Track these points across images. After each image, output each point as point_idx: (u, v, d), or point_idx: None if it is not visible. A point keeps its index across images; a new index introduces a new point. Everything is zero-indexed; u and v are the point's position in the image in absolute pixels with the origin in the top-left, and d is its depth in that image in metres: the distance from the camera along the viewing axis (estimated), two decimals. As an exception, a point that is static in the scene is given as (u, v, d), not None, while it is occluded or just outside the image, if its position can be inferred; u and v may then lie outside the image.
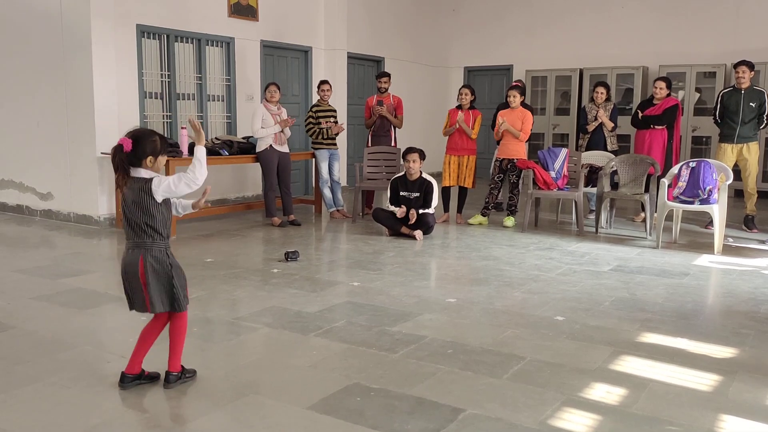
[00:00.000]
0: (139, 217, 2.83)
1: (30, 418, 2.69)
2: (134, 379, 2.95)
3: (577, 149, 8.10)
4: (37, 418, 2.69)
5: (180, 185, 2.86)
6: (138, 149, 2.80)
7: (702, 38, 10.66)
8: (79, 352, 3.44)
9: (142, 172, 2.85)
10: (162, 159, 2.89)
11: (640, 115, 7.52)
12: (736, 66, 7.12)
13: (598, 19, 11.53)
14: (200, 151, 2.98)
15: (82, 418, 2.70)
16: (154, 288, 2.85)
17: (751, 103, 6.98)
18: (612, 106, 7.81)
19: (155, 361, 3.06)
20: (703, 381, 3.12)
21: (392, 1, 11.67)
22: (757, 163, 7.18)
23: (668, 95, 7.51)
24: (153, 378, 3.01)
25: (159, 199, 2.84)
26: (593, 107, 7.82)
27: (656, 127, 7.41)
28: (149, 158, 2.83)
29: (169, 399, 2.88)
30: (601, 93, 7.79)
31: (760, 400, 2.93)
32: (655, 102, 7.49)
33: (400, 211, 6.63)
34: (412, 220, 6.60)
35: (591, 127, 7.74)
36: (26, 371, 3.17)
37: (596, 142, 7.76)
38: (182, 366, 3.01)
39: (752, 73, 7.07)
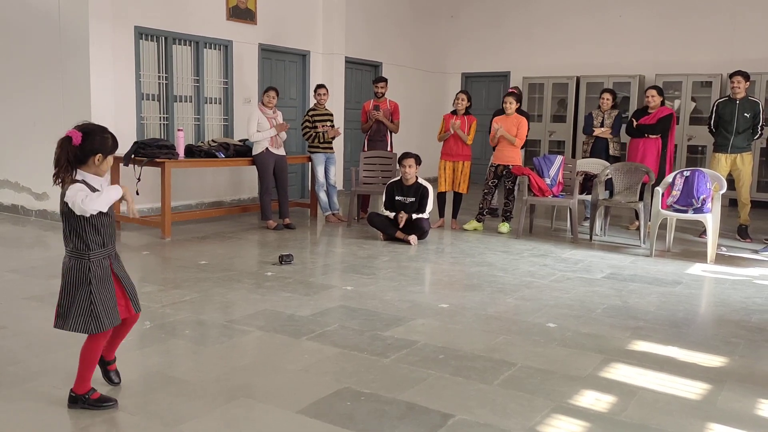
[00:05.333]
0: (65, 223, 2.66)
1: (21, 420, 2.70)
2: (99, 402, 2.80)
3: (575, 154, 8.14)
4: (27, 419, 2.70)
5: (71, 200, 2.59)
6: (86, 144, 2.59)
7: (698, 48, 10.72)
8: (71, 353, 3.43)
9: (82, 175, 2.64)
10: (110, 159, 2.69)
11: (635, 123, 7.56)
12: (731, 76, 7.15)
13: (595, 28, 11.59)
14: (112, 190, 2.66)
15: (72, 420, 2.70)
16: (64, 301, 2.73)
17: (745, 114, 7.01)
18: (617, 113, 7.89)
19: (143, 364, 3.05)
20: (693, 389, 3.14)
21: (391, 7, 11.70)
22: (751, 174, 7.21)
23: (662, 103, 7.55)
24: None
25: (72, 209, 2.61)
26: (599, 113, 7.92)
27: (650, 136, 7.45)
28: (98, 156, 2.62)
29: (160, 401, 2.88)
30: (607, 99, 7.89)
31: (749, 409, 2.94)
32: (649, 111, 7.52)
33: (402, 218, 6.63)
34: (402, 224, 6.62)
35: (597, 132, 7.82)
36: (18, 372, 3.17)
37: (599, 146, 7.87)
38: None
39: (747, 83, 7.10)
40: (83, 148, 2.61)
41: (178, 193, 7.73)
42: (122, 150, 6.58)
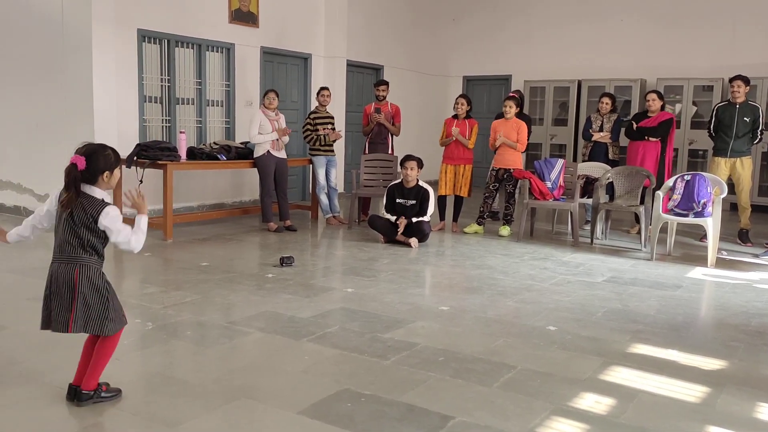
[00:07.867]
0: (84, 236, 2.71)
1: (22, 419, 2.71)
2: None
3: (576, 158, 8.15)
4: (29, 419, 2.71)
5: (121, 237, 2.74)
6: (92, 166, 2.70)
7: (699, 52, 10.74)
8: (72, 353, 3.44)
9: (96, 191, 2.75)
10: (117, 173, 2.81)
11: (635, 126, 7.57)
12: (731, 80, 7.17)
13: (596, 32, 11.61)
14: (142, 220, 2.86)
15: (74, 419, 2.72)
16: (83, 307, 2.71)
17: (745, 118, 7.03)
18: (616, 117, 7.91)
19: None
20: (692, 392, 3.14)
21: (392, 10, 11.73)
22: (750, 178, 7.22)
23: (662, 107, 7.57)
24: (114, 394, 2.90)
25: (101, 227, 2.72)
26: (598, 117, 7.94)
27: (651, 139, 7.46)
28: (105, 174, 2.74)
29: (161, 401, 2.90)
30: (606, 103, 7.91)
31: (747, 412, 2.95)
32: (650, 114, 7.54)
33: (401, 223, 6.63)
34: (401, 229, 6.63)
35: (596, 137, 7.82)
36: (19, 372, 3.18)
37: (598, 150, 7.88)
38: (99, 384, 2.84)
39: (747, 87, 7.12)
40: (90, 170, 2.72)
41: (179, 195, 7.74)
42: (124, 152, 6.61)
